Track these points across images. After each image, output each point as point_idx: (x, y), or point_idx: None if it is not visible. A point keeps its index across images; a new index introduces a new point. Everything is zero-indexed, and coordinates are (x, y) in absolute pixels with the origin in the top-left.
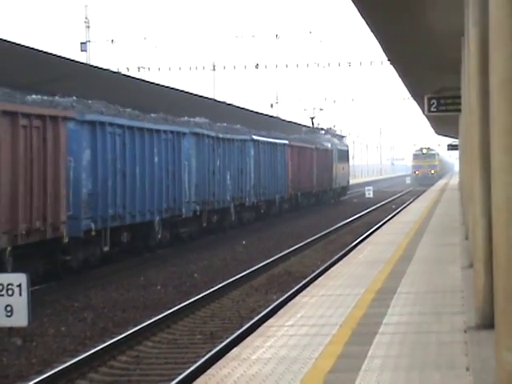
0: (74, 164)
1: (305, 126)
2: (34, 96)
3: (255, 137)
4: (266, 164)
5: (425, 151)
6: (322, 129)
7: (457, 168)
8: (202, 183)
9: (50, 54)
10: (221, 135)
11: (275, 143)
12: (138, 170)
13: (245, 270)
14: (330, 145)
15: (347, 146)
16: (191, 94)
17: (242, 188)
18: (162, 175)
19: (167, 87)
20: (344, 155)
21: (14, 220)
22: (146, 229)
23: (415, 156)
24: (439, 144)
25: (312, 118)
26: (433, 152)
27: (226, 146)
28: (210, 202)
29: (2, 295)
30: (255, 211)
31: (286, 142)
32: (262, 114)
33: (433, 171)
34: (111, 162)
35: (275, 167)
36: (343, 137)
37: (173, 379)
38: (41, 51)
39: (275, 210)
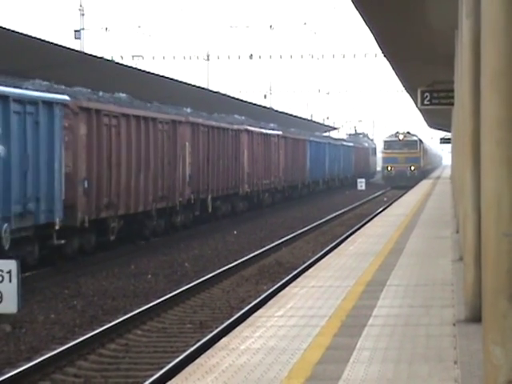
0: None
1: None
2: (272, 124)
3: (330, 141)
4: (335, 157)
5: (401, 137)
6: (362, 133)
7: (446, 162)
8: (315, 168)
9: (45, 40)
10: (325, 141)
11: (341, 144)
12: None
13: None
14: (367, 144)
15: (375, 145)
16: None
17: (326, 171)
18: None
19: (161, 76)
20: (373, 151)
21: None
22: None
23: (387, 144)
24: (432, 137)
25: (355, 127)
26: (413, 138)
27: (320, 147)
28: (323, 176)
29: None
30: (327, 184)
31: (351, 144)
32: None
33: (413, 167)
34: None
35: (339, 159)
36: (372, 139)
37: (161, 368)
38: (35, 38)
39: (335, 184)
